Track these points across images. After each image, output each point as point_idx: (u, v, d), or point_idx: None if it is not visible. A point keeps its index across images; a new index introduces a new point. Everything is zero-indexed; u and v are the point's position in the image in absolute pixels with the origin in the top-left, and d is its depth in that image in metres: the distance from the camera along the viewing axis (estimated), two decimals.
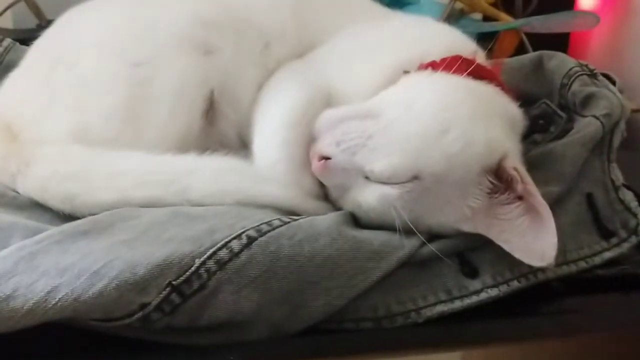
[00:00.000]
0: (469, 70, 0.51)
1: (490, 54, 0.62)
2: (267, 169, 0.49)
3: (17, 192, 0.50)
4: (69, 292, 0.37)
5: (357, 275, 0.43)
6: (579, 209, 0.51)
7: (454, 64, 0.51)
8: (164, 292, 0.39)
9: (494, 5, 0.81)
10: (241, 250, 0.40)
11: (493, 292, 0.45)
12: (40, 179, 0.49)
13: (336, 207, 0.49)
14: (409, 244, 0.45)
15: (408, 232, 0.46)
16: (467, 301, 0.44)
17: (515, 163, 0.46)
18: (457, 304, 0.44)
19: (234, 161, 0.49)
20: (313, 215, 0.47)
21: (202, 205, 0.46)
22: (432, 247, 0.45)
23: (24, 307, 0.37)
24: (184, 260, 0.39)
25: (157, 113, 0.51)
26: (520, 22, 0.75)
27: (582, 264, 0.49)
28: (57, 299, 0.37)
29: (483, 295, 0.45)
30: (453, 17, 0.78)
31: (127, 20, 0.55)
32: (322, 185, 0.49)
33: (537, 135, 0.59)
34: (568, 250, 0.48)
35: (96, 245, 0.40)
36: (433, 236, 0.47)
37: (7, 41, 0.67)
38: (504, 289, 0.45)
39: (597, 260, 0.49)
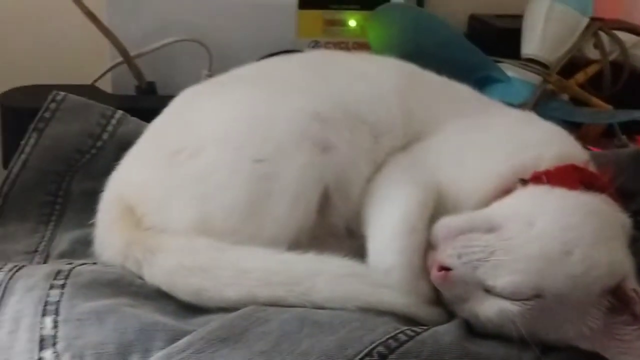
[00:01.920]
0: (583, 181, 0.52)
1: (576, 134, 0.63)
2: (384, 274, 0.50)
3: (142, 279, 0.53)
4: None
5: None
6: None
7: (569, 174, 0.53)
8: None
9: (582, 86, 0.82)
10: None
11: None
12: (168, 270, 0.51)
13: (449, 311, 0.51)
14: (526, 358, 0.46)
15: (521, 341, 0.48)
16: None
17: (634, 284, 0.47)
18: None
19: (352, 264, 0.51)
20: (429, 321, 0.48)
21: (324, 308, 0.48)
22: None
23: None
24: None
25: (278, 209, 0.53)
26: (609, 118, 0.76)
27: None
28: None
29: None
30: (543, 98, 0.79)
31: (247, 114, 0.57)
32: (436, 290, 0.51)
33: (636, 231, 0.60)
34: None
35: (238, 356, 0.42)
36: (546, 348, 0.49)
37: (119, 113, 0.70)
38: None
39: None
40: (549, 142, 0.56)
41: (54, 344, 0.44)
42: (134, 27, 0.85)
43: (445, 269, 0.48)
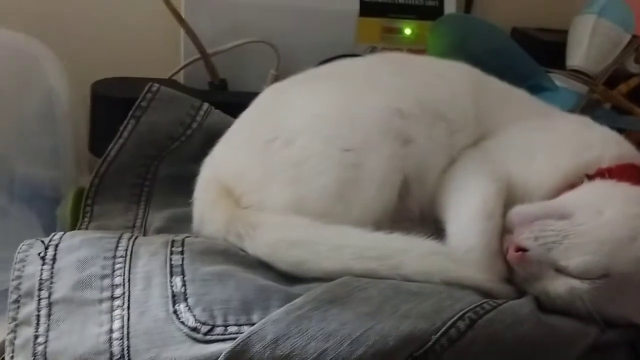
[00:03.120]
0: None
1: None
2: (464, 253, 0.56)
3: (244, 251, 0.59)
4: (335, 355, 0.45)
5: (557, 355, 0.50)
6: None
7: (629, 171, 0.59)
8: None
9: (624, 97, 0.88)
10: (466, 331, 0.48)
11: None
12: (270, 243, 0.57)
13: (519, 290, 0.57)
14: (593, 332, 0.52)
15: (586, 319, 0.54)
16: None
17: None
18: None
19: (436, 244, 0.57)
20: (504, 297, 0.54)
21: (412, 281, 0.54)
22: (614, 334, 0.52)
23: None
24: (423, 336, 0.47)
25: (364, 194, 0.60)
26: None
27: None
28: None
29: None
30: (588, 107, 0.85)
31: (336, 108, 0.63)
32: (509, 269, 0.57)
33: None
34: None
35: (347, 315, 0.47)
36: (609, 324, 0.54)
37: (206, 105, 0.76)
38: None
39: None
40: (609, 143, 0.63)
41: (185, 299, 0.50)
42: (207, 27, 0.91)
43: (521, 249, 0.54)
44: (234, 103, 0.78)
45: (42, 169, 0.79)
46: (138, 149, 0.73)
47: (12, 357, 0.50)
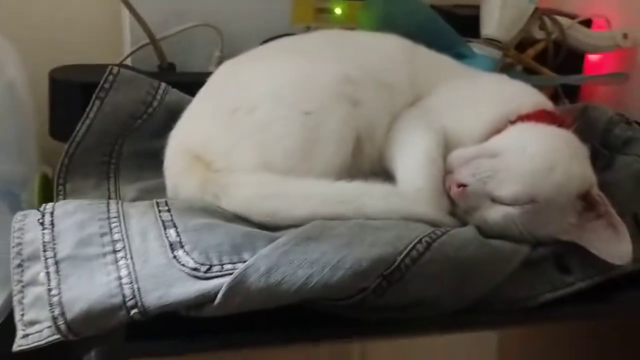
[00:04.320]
0: (554, 121, 0.69)
1: None
2: (414, 194, 0.65)
3: (221, 208, 0.65)
4: (319, 279, 0.53)
5: (496, 272, 0.60)
6: (629, 226, 0.69)
7: (543, 116, 0.70)
8: (378, 280, 0.54)
9: (532, 60, 1.00)
10: (424, 252, 0.56)
11: (582, 284, 0.63)
12: (245, 198, 0.64)
13: (462, 222, 0.66)
14: (525, 250, 0.63)
15: (519, 241, 0.64)
16: (568, 290, 0.62)
17: (598, 191, 0.64)
18: (559, 293, 0.62)
19: (390, 187, 0.66)
20: (451, 227, 0.63)
21: (374, 219, 0.62)
22: (542, 251, 0.63)
23: (291, 290, 0.52)
24: (389, 258, 0.55)
25: (325, 151, 0.67)
26: (563, 80, 0.94)
27: (637, 266, 0.67)
28: (312, 284, 0.52)
29: (575, 287, 0.63)
30: (503, 70, 0.96)
31: (293, 78, 0.71)
32: (452, 204, 0.66)
33: None
34: None
35: (325, 247, 0.55)
36: (537, 244, 0.65)
37: (164, 85, 0.81)
38: (589, 282, 0.63)
39: None
40: (525, 94, 0.73)
41: (182, 247, 0.56)
42: (151, 12, 0.96)
43: (462, 185, 0.64)
44: (184, 83, 0.85)
45: (7, 157, 0.82)
46: (103, 128, 0.78)
47: (22, 315, 0.55)
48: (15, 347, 0.54)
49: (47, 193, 0.93)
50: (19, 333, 0.55)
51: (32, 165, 0.84)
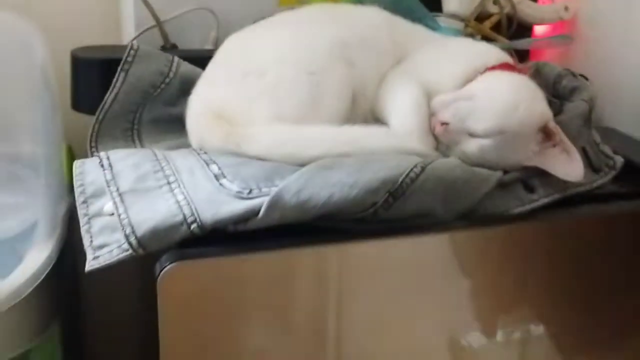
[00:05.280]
0: (515, 71, 0.84)
1: None
2: (405, 134, 0.78)
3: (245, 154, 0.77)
4: (340, 196, 0.65)
5: (476, 190, 0.73)
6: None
7: (507, 67, 0.84)
8: (385, 196, 0.67)
9: (491, 30, 1.15)
10: (420, 173, 0.69)
11: (545, 200, 0.77)
12: (265, 145, 0.75)
13: (445, 156, 0.80)
14: (498, 174, 0.76)
15: (493, 168, 0.77)
16: (533, 205, 0.76)
17: (554, 125, 0.79)
18: (527, 207, 0.76)
19: (387, 129, 0.79)
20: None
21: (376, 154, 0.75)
22: (511, 175, 0.77)
23: (318, 205, 0.65)
24: (393, 179, 0.68)
25: (328, 104, 0.80)
26: (514, 44, 1.09)
27: (587, 187, 0.82)
28: (334, 200, 0.65)
29: (539, 202, 0.76)
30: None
31: (296, 44, 0.83)
32: (437, 142, 0.79)
33: None
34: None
35: (342, 173, 0.67)
36: (507, 170, 0.79)
37: (177, 58, 0.93)
38: (550, 198, 0.77)
39: (594, 185, 0.83)
40: (490, 51, 0.87)
41: (225, 177, 0.68)
42: None
43: (444, 124, 0.77)
44: (186, 59, 0.96)
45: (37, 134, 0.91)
46: (128, 97, 0.89)
47: (91, 241, 0.66)
48: (88, 268, 0.65)
49: (71, 161, 1.04)
50: (89, 257, 0.65)
51: (60, 138, 0.94)
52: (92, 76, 0.95)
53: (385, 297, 0.70)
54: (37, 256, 0.82)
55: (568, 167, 0.77)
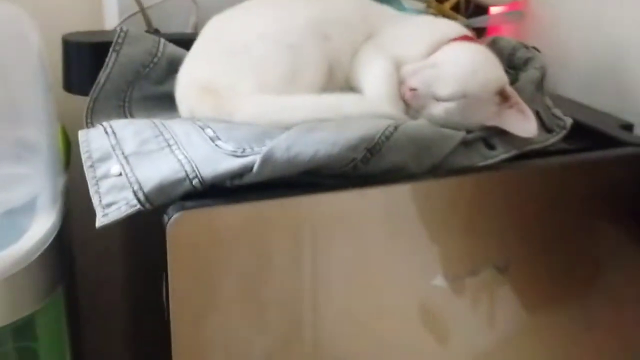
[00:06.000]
0: (474, 42, 0.93)
1: None
2: (378, 99, 0.87)
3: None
4: (324, 152, 0.73)
5: (443, 146, 0.82)
6: None
7: (466, 39, 0.93)
8: (364, 152, 0.75)
9: (451, 9, 1.25)
10: (393, 132, 0.78)
11: (504, 155, 0.86)
12: (254, 112, 0.83)
13: (414, 119, 0.88)
14: (462, 133, 0.85)
15: (457, 129, 0.86)
16: (495, 159, 0.85)
17: (510, 88, 0.88)
18: (489, 161, 0.85)
19: (362, 96, 0.87)
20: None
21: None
22: (474, 134, 0.86)
23: (305, 160, 0.72)
24: (370, 137, 0.76)
25: (307, 75, 0.87)
26: (472, 21, 1.19)
27: (541, 144, 0.91)
28: (319, 156, 0.73)
29: (500, 157, 0.85)
30: None
31: (276, 21, 0.91)
32: (406, 107, 0.88)
33: None
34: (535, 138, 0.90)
35: (325, 133, 0.75)
36: (469, 131, 0.88)
37: (163, 40, 0.99)
38: (509, 154, 0.86)
39: (547, 143, 0.92)
40: (451, 26, 0.97)
41: (219, 139, 0.76)
42: None
43: (413, 90, 0.86)
44: (169, 41, 1.03)
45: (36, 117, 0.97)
46: (120, 76, 0.95)
47: (100, 200, 0.73)
48: (98, 224, 0.72)
49: (65, 140, 1.10)
50: (99, 215, 0.72)
51: (55, 119, 1.00)
52: (83, 59, 1.01)
53: (360, 243, 0.79)
54: (42, 225, 0.89)
55: (524, 125, 0.86)
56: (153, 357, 0.98)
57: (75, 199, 1.07)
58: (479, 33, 1.25)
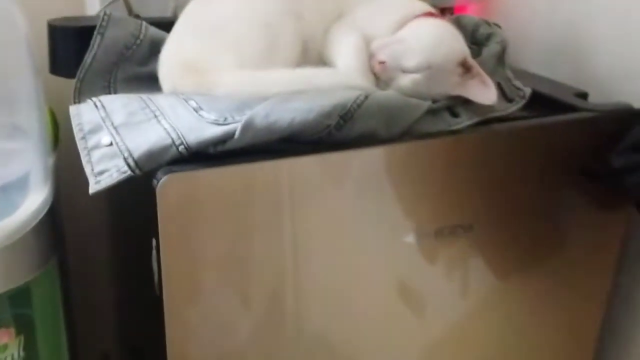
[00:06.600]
0: (438, 18, 0.99)
1: None
2: (350, 72, 0.93)
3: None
4: (301, 119, 0.79)
5: (411, 114, 0.88)
6: None
7: (431, 15, 0.99)
8: (337, 118, 0.81)
9: None
10: (364, 100, 0.84)
11: (468, 122, 0.93)
12: (234, 85, 0.88)
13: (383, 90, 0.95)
14: (428, 102, 0.92)
15: (424, 98, 0.93)
16: (459, 126, 0.91)
17: (472, 60, 0.95)
18: (453, 128, 0.92)
19: (334, 69, 0.93)
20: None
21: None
22: (439, 104, 0.92)
23: (283, 126, 0.78)
24: (343, 104, 0.82)
25: (283, 51, 0.93)
26: (439, 1, 1.25)
27: (503, 112, 0.98)
28: (296, 122, 0.79)
29: (464, 124, 0.92)
30: None
31: (253, 2, 0.96)
32: (376, 79, 0.94)
33: None
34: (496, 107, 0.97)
35: (300, 102, 0.81)
36: (435, 100, 0.94)
37: (144, 22, 1.04)
38: (472, 121, 0.93)
39: (508, 111, 0.99)
40: (416, 4, 1.03)
41: (202, 109, 0.81)
42: None
43: (382, 63, 0.92)
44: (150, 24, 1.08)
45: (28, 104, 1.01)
46: (105, 57, 1.00)
47: (92, 169, 0.78)
48: (91, 191, 0.77)
49: (53, 121, 1.14)
50: (92, 182, 0.77)
51: (43, 100, 1.04)
52: (69, 43, 1.06)
53: (335, 203, 0.85)
54: (35, 199, 0.93)
55: (485, 93, 0.93)
56: (142, 324, 1.03)
57: (63, 177, 1.12)
58: (446, 13, 1.32)
